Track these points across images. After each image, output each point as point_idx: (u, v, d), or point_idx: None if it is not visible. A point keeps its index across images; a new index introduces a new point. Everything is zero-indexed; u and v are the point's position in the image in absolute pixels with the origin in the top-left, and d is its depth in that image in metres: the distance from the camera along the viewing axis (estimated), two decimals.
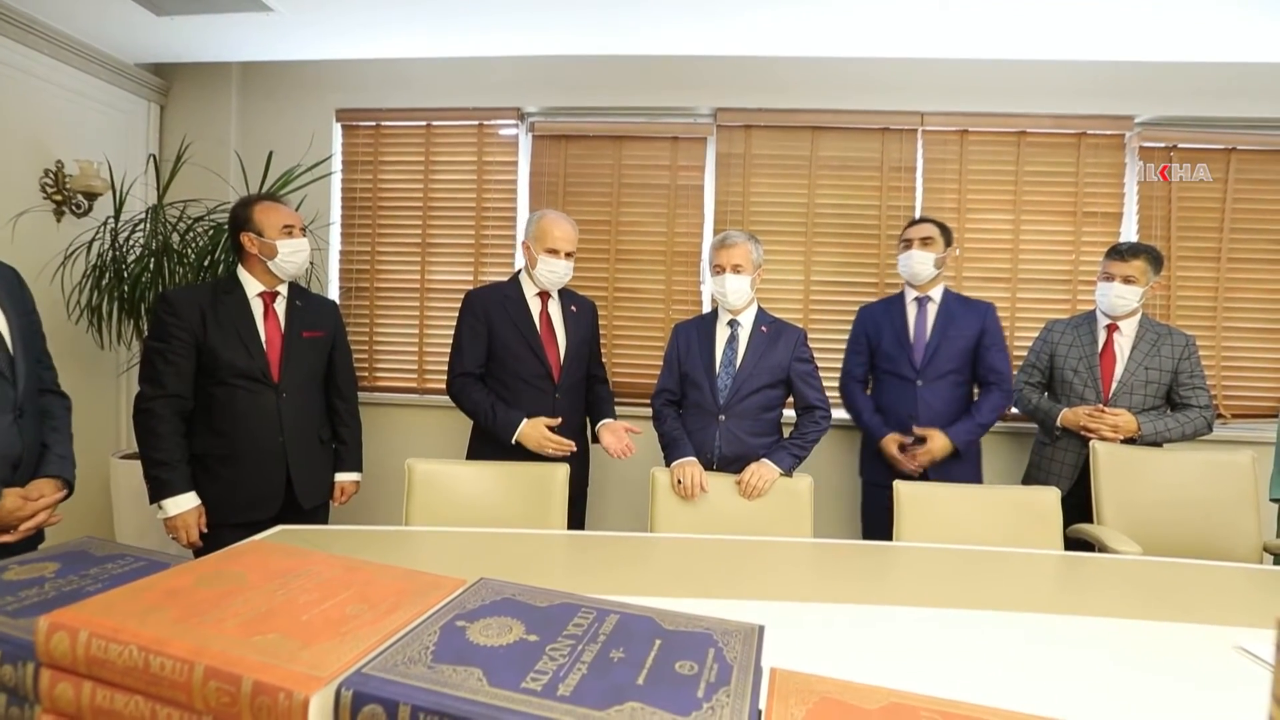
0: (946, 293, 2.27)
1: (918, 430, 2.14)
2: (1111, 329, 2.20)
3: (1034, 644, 1.08)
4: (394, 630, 0.46)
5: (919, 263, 2.19)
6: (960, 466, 2.15)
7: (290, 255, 1.82)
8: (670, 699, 0.39)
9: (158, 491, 1.68)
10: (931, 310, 2.24)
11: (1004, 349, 2.22)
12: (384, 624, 0.47)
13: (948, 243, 2.24)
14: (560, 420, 1.98)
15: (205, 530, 1.74)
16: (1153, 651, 1.05)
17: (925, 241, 2.19)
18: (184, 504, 1.69)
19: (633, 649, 0.45)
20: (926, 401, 2.18)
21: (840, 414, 2.81)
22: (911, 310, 2.27)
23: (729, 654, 0.45)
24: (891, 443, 2.18)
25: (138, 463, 2.63)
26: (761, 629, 0.49)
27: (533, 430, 1.93)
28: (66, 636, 0.44)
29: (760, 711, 0.44)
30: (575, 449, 1.97)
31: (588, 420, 2.18)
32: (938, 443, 2.10)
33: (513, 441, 1.94)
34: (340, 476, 2.00)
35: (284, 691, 0.39)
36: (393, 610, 0.49)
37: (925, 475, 2.13)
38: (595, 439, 2.12)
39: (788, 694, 0.45)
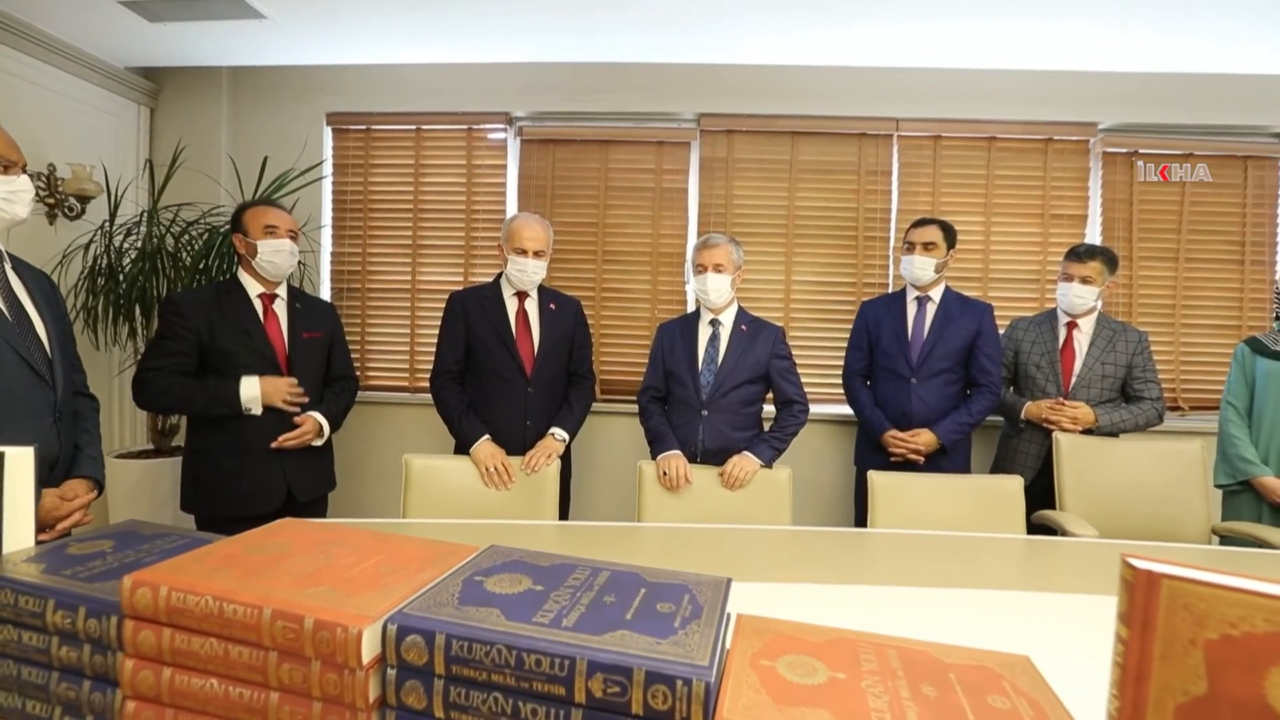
0: (947, 292, 2.32)
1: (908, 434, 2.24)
2: (1071, 326, 2.33)
3: (995, 615, 1.17)
4: (423, 583, 0.55)
5: (920, 268, 2.25)
6: (950, 462, 2.25)
7: (270, 255, 1.87)
8: (652, 628, 0.49)
9: (228, 401, 1.79)
10: (931, 310, 2.29)
11: (997, 350, 2.28)
12: (414, 579, 0.56)
13: (951, 244, 2.29)
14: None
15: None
16: (1102, 622, 1.16)
17: (928, 247, 2.25)
18: (250, 386, 1.80)
19: (622, 595, 0.55)
20: (920, 397, 2.25)
21: (829, 408, 2.95)
22: (912, 309, 2.31)
23: (701, 598, 0.55)
24: (891, 438, 2.26)
25: (134, 462, 2.71)
26: (729, 581, 0.59)
27: (484, 451, 1.98)
28: (149, 591, 0.53)
29: (726, 650, 0.54)
30: (510, 484, 1.96)
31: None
32: (923, 438, 2.21)
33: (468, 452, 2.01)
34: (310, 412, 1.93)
35: (341, 627, 0.48)
36: (420, 570, 0.58)
37: (919, 469, 2.22)
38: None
39: (749, 632, 0.55)
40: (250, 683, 0.51)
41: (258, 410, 1.82)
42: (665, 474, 1.95)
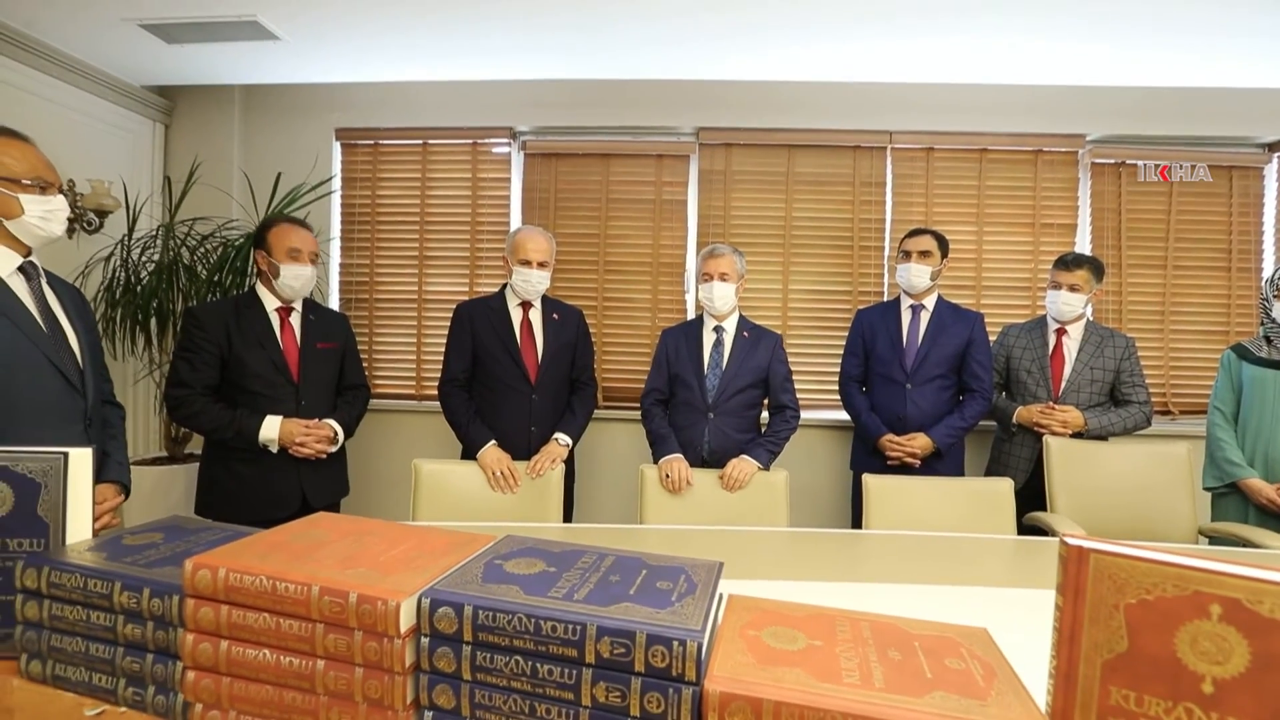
0: (940, 301, 2.39)
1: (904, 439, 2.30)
2: (1060, 333, 2.40)
3: (976, 607, 1.23)
4: (449, 566, 0.62)
5: (916, 275, 2.33)
6: (944, 466, 2.30)
7: (290, 280, 1.95)
8: (652, 601, 0.56)
9: (248, 438, 1.86)
10: (924, 317, 2.37)
11: (988, 357, 2.36)
12: (441, 562, 0.63)
13: (944, 254, 2.37)
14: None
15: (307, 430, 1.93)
16: None
17: (923, 255, 2.33)
18: (271, 427, 1.88)
19: (626, 575, 0.62)
20: (915, 402, 2.32)
21: (826, 414, 3.02)
22: (906, 316, 2.38)
23: (695, 578, 0.62)
24: (888, 442, 2.32)
25: (147, 469, 2.78)
26: (720, 564, 0.66)
27: (491, 456, 2.05)
28: (208, 573, 0.60)
29: (718, 624, 0.61)
30: (516, 488, 2.02)
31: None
32: (919, 442, 2.27)
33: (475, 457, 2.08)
34: (326, 419, 2.00)
35: (381, 600, 0.55)
36: (445, 555, 0.65)
37: (914, 472, 2.26)
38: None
39: (739, 609, 0.62)
40: (299, 652, 0.58)
41: (274, 449, 1.90)
42: (667, 476, 2.02)
